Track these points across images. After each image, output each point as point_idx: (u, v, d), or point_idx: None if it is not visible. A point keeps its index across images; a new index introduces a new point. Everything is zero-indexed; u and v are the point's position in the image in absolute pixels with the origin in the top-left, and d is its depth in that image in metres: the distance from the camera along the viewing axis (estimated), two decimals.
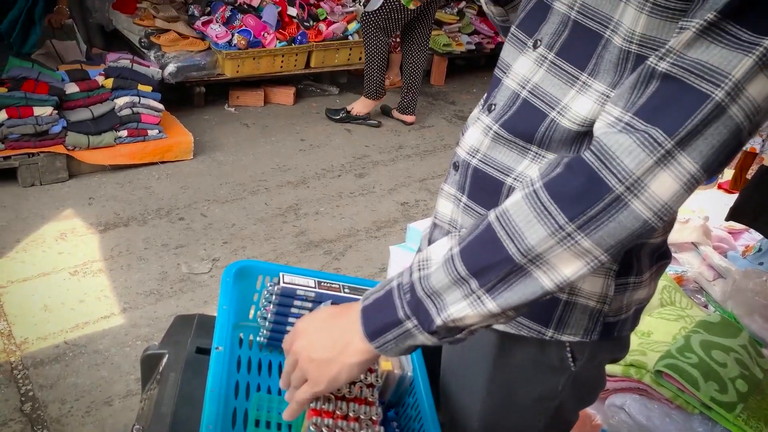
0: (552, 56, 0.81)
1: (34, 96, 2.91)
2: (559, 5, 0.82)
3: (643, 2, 0.71)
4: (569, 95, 0.79)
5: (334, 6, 4.42)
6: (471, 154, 0.90)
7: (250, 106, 4.13)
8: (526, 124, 0.83)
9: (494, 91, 0.90)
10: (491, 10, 1.00)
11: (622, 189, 0.65)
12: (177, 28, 3.75)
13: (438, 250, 0.77)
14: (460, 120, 4.39)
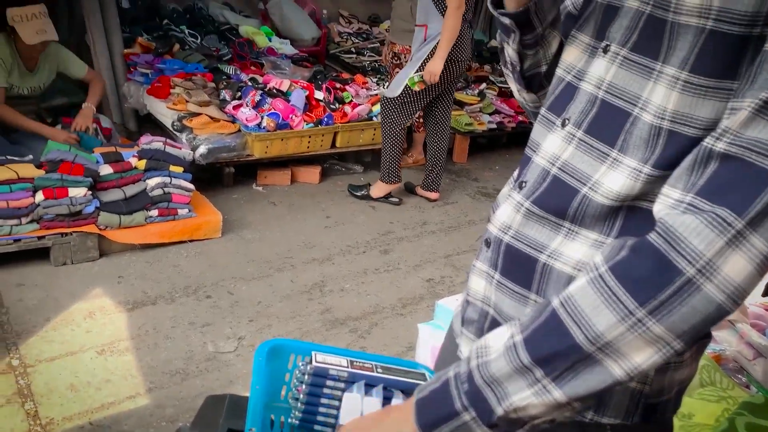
0: (580, 134, 0.83)
1: (70, 178, 3.01)
2: (586, 86, 0.84)
3: (674, 81, 0.73)
4: (600, 171, 0.80)
5: (359, 89, 4.57)
6: (503, 230, 0.91)
7: (278, 185, 4.21)
8: (557, 200, 0.84)
9: (525, 170, 0.91)
10: (524, 97, 1.02)
11: (693, 272, 0.63)
12: (209, 112, 3.89)
13: (497, 337, 0.75)
14: (484, 196, 4.42)
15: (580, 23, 0.90)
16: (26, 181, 2.95)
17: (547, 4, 0.88)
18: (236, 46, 4.88)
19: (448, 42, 3.58)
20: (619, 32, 0.81)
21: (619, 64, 0.80)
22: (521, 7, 0.87)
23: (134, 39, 4.54)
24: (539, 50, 0.94)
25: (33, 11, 3.34)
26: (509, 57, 0.96)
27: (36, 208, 2.94)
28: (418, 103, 3.85)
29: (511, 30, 0.90)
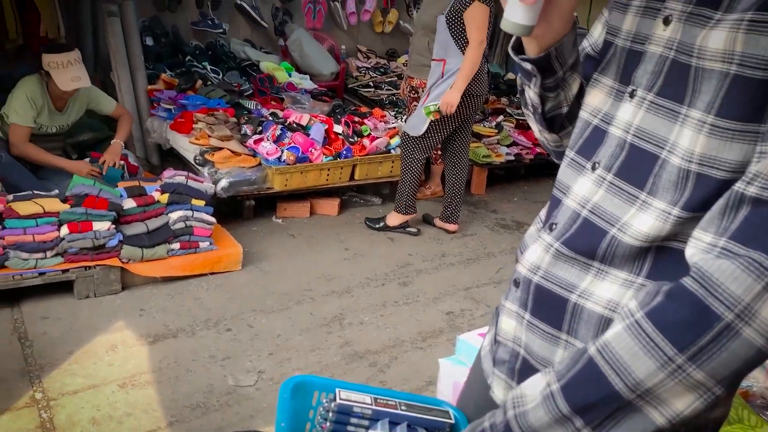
0: (611, 177, 0.84)
1: (94, 212, 3.06)
2: (614, 130, 0.86)
3: (700, 124, 0.74)
4: (629, 213, 0.81)
5: (377, 122, 4.62)
6: (532, 271, 0.91)
7: (297, 217, 4.25)
8: (587, 241, 0.85)
9: (555, 212, 0.92)
10: (545, 137, 1.04)
11: (732, 317, 0.64)
12: (230, 146, 3.96)
13: (533, 386, 0.75)
14: (503, 228, 4.42)
15: (603, 66, 0.92)
16: (52, 215, 3.01)
17: (567, 48, 0.90)
18: (257, 81, 4.98)
19: (467, 75, 3.62)
20: (645, 77, 0.83)
21: (646, 108, 0.82)
22: (542, 52, 0.88)
23: (158, 75, 4.65)
24: (560, 92, 0.95)
25: (69, 58, 3.45)
26: (530, 99, 0.97)
27: (61, 242, 2.99)
28: (437, 137, 3.89)
29: (533, 74, 0.91)
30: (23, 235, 2.92)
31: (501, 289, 3.55)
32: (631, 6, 0.88)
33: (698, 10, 0.76)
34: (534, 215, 4.46)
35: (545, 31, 0.85)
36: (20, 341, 2.70)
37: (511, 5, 0.81)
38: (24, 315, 2.88)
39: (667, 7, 0.81)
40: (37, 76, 3.57)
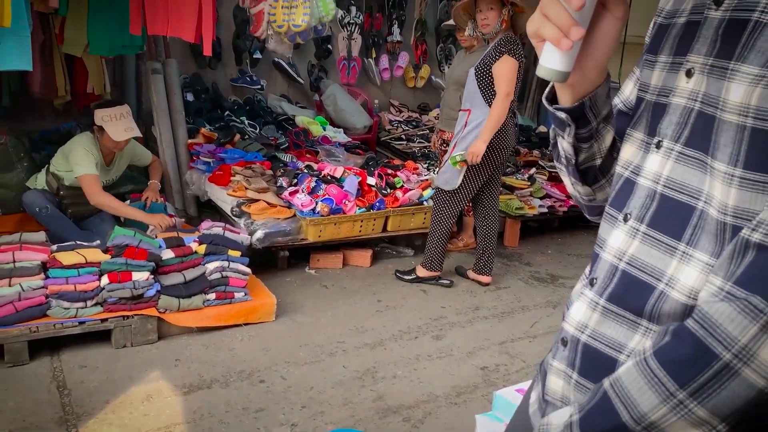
0: (644, 228, 0.85)
1: (134, 262, 3.13)
2: (643, 181, 0.87)
3: (730, 177, 0.75)
4: (672, 266, 0.81)
5: (410, 175, 4.68)
6: (579, 329, 0.91)
7: (330, 268, 4.27)
8: (633, 297, 0.85)
9: (595, 266, 0.93)
10: (578, 191, 1.05)
11: (729, 356, 0.67)
12: (266, 198, 4.03)
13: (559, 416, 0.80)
14: (537, 281, 4.37)
15: (634, 121, 0.93)
16: (93, 265, 3.08)
17: (601, 99, 0.91)
18: (293, 135, 5.10)
19: (493, 126, 3.66)
20: (670, 128, 0.84)
21: (674, 159, 0.83)
22: (576, 102, 0.90)
23: (198, 130, 4.80)
24: (594, 143, 0.96)
25: (120, 111, 3.66)
26: (564, 150, 0.98)
27: (101, 292, 3.06)
28: (468, 191, 3.91)
29: (567, 124, 0.93)
30: (65, 284, 2.99)
31: (537, 344, 3.49)
32: (657, 62, 0.90)
33: (718, 62, 0.78)
34: (569, 268, 4.41)
35: (580, 79, 0.87)
36: (59, 390, 2.73)
37: (547, 51, 0.82)
38: (63, 363, 2.93)
39: (689, 60, 0.83)
40: (88, 133, 3.74)
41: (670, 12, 0.92)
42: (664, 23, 0.92)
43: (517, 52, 3.65)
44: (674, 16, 0.90)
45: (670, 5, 0.93)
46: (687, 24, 0.86)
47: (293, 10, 3.57)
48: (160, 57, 4.69)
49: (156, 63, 4.57)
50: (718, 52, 0.78)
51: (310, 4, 3.59)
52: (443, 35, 6.61)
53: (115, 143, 3.67)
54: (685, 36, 0.86)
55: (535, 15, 0.81)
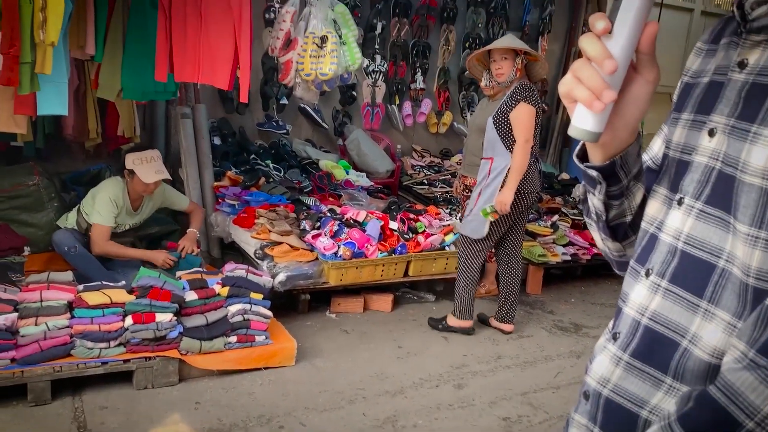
0: (665, 283, 0.85)
1: (158, 303, 3.15)
2: (665, 236, 0.87)
3: (753, 239, 0.75)
4: (695, 323, 0.81)
5: (432, 219, 4.69)
6: (601, 383, 0.91)
7: (350, 312, 4.26)
8: (656, 353, 0.84)
9: (618, 321, 0.93)
10: (608, 246, 1.05)
11: (752, 425, 0.67)
12: (289, 241, 4.06)
13: None
14: (560, 330, 4.31)
15: (659, 177, 0.94)
16: (118, 305, 3.12)
17: (631, 158, 0.92)
18: (316, 178, 5.16)
19: (517, 174, 3.69)
20: (692, 185, 0.85)
21: (695, 216, 0.83)
22: (607, 161, 0.91)
23: (224, 173, 4.88)
24: (624, 201, 0.97)
25: (151, 155, 3.77)
26: (594, 207, 0.99)
27: (124, 332, 3.08)
28: (491, 237, 3.90)
29: (598, 181, 0.94)
30: (90, 324, 3.02)
31: (560, 395, 3.42)
32: (680, 119, 0.92)
33: (740, 124, 0.79)
34: (593, 317, 4.35)
35: (611, 139, 0.88)
36: (79, 430, 2.73)
37: (579, 112, 0.84)
38: (84, 404, 2.93)
39: (712, 119, 0.84)
40: (118, 179, 3.84)
41: (695, 72, 0.94)
42: (690, 82, 0.94)
43: (533, 98, 3.70)
44: (699, 76, 0.92)
45: (696, 65, 0.95)
46: (710, 84, 0.88)
47: (321, 59, 3.67)
48: (189, 102, 4.82)
49: (186, 108, 4.69)
50: (740, 114, 0.80)
51: (338, 54, 3.68)
52: (465, 83, 6.71)
53: (145, 186, 3.74)
54: (708, 95, 0.87)
55: (568, 76, 0.83)
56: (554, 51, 7.26)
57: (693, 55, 0.97)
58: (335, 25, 3.83)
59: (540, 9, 6.97)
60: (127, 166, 3.74)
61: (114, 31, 3.64)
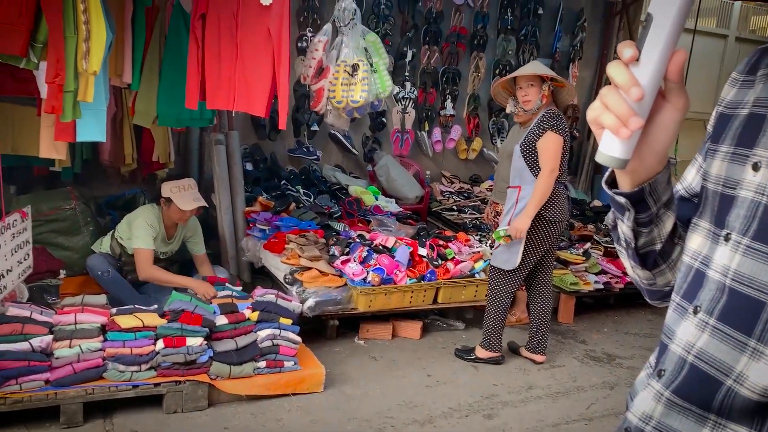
0: (713, 321, 0.83)
1: (189, 327, 3.18)
2: (713, 273, 0.86)
3: None
4: (742, 362, 0.79)
5: (461, 246, 4.66)
6: (644, 421, 0.89)
7: (379, 339, 4.24)
8: (700, 392, 0.83)
9: (662, 357, 0.91)
10: (638, 274, 1.04)
11: None
12: (319, 267, 4.08)
13: None
14: (593, 360, 4.22)
15: (700, 211, 0.93)
16: (150, 329, 3.15)
17: (661, 185, 0.91)
18: (346, 204, 5.19)
19: (537, 202, 3.64)
20: (738, 221, 0.83)
21: (742, 252, 0.82)
22: (636, 187, 0.90)
23: (255, 198, 4.94)
24: (654, 228, 0.95)
25: (188, 183, 3.86)
26: (623, 234, 0.98)
27: (155, 356, 3.10)
28: (524, 268, 3.85)
29: (626, 208, 0.92)
30: (122, 347, 3.05)
31: (593, 427, 3.34)
32: (719, 151, 0.90)
33: None
34: (626, 348, 4.25)
35: (639, 166, 0.87)
36: None
37: (606, 139, 0.83)
38: (115, 427, 2.95)
39: (755, 153, 0.83)
40: (153, 206, 3.92)
41: (731, 102, 0.93)
42: (726, 113, 0.93)
43: (560, 127, 3.67)
44: (737, 107, 0.91)
45: (731, 96, 0.94)
46: (750, 116, 0.87)
47: (352, 86, 3.71)
48: (223, 128, 4.90)
49: (219, 134, 4.77)
50: None
51: (368, 81, 3.72)
52: (495, 109, 6.72)
53: (181, 214, 3.81)
54: (748, 128, 0.86)
55: (596, 103, 0.83)
56: (585, 78, 7.24)
57: (728, 85, 0.96)
58: (366, 54, 3.88)
59: (571, 36, 6.98)
60: (164, 194, 3.81)
61: (151, 59, 3.74)
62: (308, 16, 5.61)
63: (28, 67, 2.82)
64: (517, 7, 6.59)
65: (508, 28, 6.56)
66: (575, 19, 6.95)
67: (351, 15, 3.81)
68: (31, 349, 2.87)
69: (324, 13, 5.56)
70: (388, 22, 5.97)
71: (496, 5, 6.54)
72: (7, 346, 2.82)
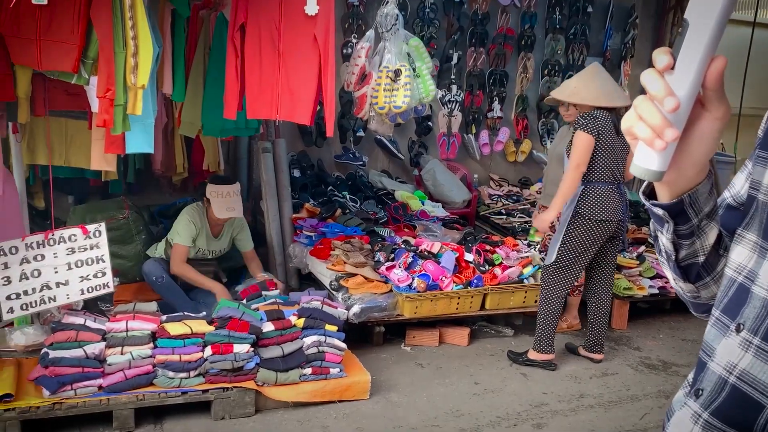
0: (758, 341, 0.79)
1: (236, 334, 3.22)
2: (758, 290, 0.81)
3: None
4: None
5: (509, 251, 4.58)
6: None
7: (425, 345, 4.20)
8: (742, 415, 0.78)
9: (700, 375, 0.87)
10: (680, 286, 0.99)
11: None
12: (364, 273, 4.07)
13: None
14: (647, 368, 4.08)
15: (746, 222, 0.87)
16: (198, 336, 3.20)
17: (702, 197, 0.86)
18: (392, 209, 5.17)
19: (562, 197, 3.65)
20: None
21: None
22: (675, 199, 0.85)
23: (302, 205, 4.99)
24: (695, 240, 0.90)
25: (229, 190, 3.90)
26: (663, 246, 0.93)
27: (204, 363, 3.15)
28: (576, 269, 3.79)
29: (665, 220, 0.88)
30: (172, 354, 3.11)
31: None
32: None
33: None
34: (683, 355, 4.09)
35: (677, 177, 0.83)
36: None
37: (641, 150, 0.79)
38: None
39: None
40: (198, 204, 4.00)
41: None
42: None
43: (589, 126, 3.63)
44: None
45: None
46: None
47: (394, 92, 3.70)
48: (270, 137, 4.97)
49: (266, 143, 4.84)
50: None
51: (411, 87, 3.70)
52: (545, 110, 6.60)
53: (216, 218, 3.89)
54: None
55: (630, 113, 0.79)
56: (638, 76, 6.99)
57: None
58: (409, 59, 3.86)
59: (622, 33, 6.79)
60: (206, 194, 3.90)
61: (195, 70, 3.82)
62: (353, 23, 5.64)
63: (79, 82, 2.92)
64: (566, 6, 6.45)
65: (557, 27, 6.43)
66: (626, 16, 6.76)
67: (393, 20, 3.80)
68: (85, 356, 2.96)
69: (369, 19, 5.57)
70: (433, 25, 5.93)
71: (544, 5, 6.42)
72: (63, 353, 2.93)
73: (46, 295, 3.04)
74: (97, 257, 3.22)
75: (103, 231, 3.25)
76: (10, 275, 2.93)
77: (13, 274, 2.93)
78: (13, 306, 2.96)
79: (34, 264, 3.00)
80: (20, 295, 2.97)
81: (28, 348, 3.26)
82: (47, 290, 3.03)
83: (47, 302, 3.05)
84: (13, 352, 3.24)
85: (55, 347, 2.94)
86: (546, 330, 3.88)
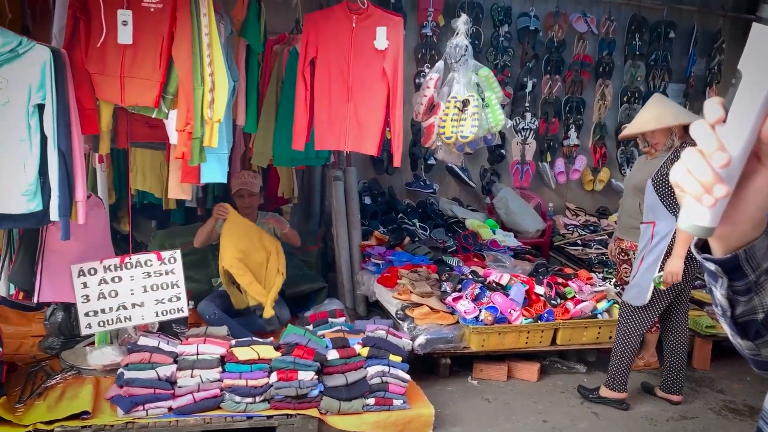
0: None
1: (301, 361, 3.26)
2: None
3: None
4: None
5: (582, 285, 4.43)
6: None
7: (493, 379, 4.11)
8: None
9: None
10: (739, 342, 0.92)
11: None
12: (430, 303, 4.05)
13: None
14: (732, 413, 3.81)
15: None
16: (265, 361, 3.26)
17: (760, 252, 0.79)
18: (461, 238, 5.13)
19: (685, 241, 3.40)
20: None
21: None
22: (729, 254, 0.79)
23: (371, 232, 5.03)
24: (754, 297, 0.83)
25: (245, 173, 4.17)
26: (718, 301, 0.87)
27: (269, 388, 3.21)
28: (658, 307, 3.62)
29: (718, 276, 0.82)
30: (239, 379, 3.19)
31: None
32: None
33: None
34: None
35: (731, 232, 0.77)
36: None
37: (688, 204, 0.74)
38: None
39: None
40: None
41: None
42: None
43: None
44: None
45: None
46: None
47: (462, 122, 3.69)
48: (342, 165, 5.06)
49: (337, 171, 4.94)
50: None
51: (479, 116, 3.69)
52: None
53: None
54: None
55: (679, 165, 0.74)
56: None
57: None
58: (478, 89, 3.85)
59: (707, 59, 6.51)
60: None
61: (268, 103, 3.95)
62: (426, 53, 5.69)
63: (159, 116, 3.08)
64: (646, 32, 6.26)
65: (637, 53, 6.24)
66: (711, 41, 6.48)
67: (462, 51, 3.81)
68: (157, 378, 3.08)
69: (441, 49, 5.60)
70: (508, 53, 5.90)
71: (623, 31, 6.26)
72: (137, 374, 3.06)
73: (122, 314, 3.20)
74: (172, 282, 3.36)
75: (179, 258, 3.38)
76: (89, 294, 3.12)
77: (92, 294, 3.11)
78: (90, 322, 3.14)
79: (111, 285, 3.18)
80: (98, 313, 3.15)
81: (107, 367, 3.42)
82: (123, 310, 3.18)
83: (123, 321, 3.20)
84: (93, 371, 3.41)
85: (130, 368, 3.08)
86: (620, 367, 3.71)
